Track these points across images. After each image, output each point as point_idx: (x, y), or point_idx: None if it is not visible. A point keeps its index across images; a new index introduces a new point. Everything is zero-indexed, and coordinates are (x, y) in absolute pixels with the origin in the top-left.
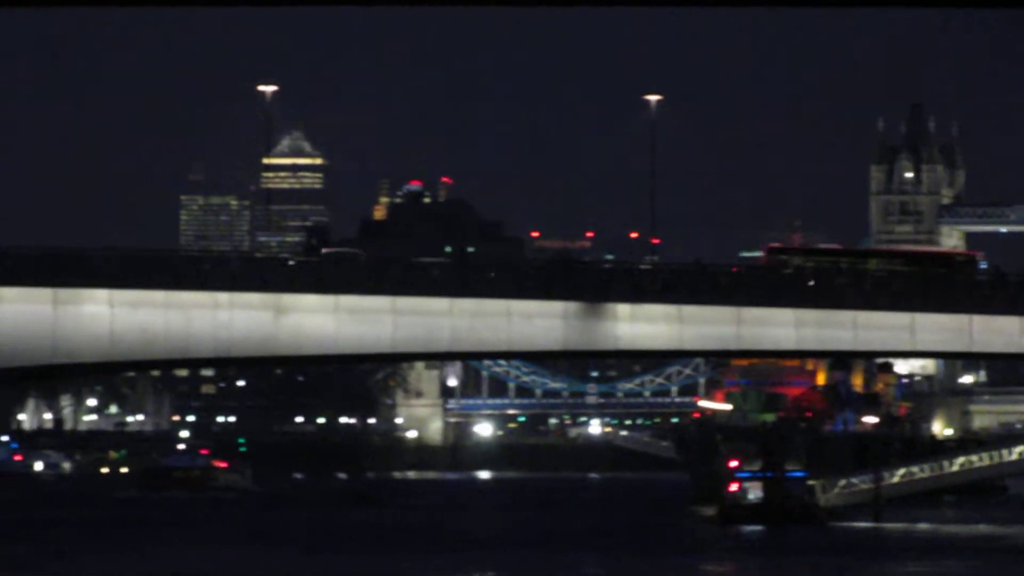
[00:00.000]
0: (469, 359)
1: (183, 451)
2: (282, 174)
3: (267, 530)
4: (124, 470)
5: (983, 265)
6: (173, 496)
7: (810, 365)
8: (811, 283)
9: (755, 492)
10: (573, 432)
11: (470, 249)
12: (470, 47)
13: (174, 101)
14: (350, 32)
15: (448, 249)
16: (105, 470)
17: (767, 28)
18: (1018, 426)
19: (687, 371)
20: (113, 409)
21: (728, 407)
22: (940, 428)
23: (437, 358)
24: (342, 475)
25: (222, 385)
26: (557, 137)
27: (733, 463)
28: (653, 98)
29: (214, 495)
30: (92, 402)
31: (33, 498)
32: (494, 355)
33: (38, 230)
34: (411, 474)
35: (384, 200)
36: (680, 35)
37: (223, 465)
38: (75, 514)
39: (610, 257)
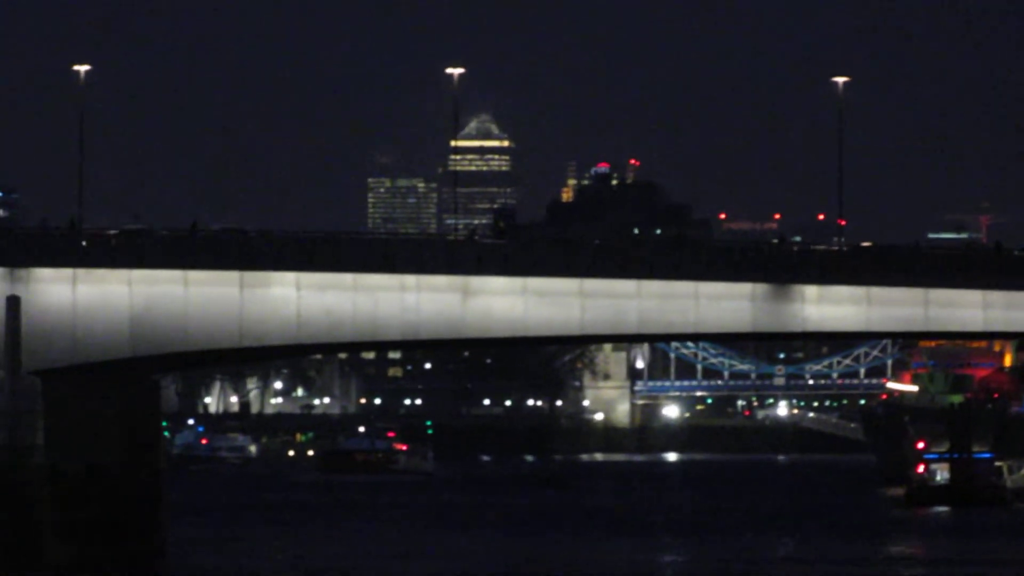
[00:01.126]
0: (657, 341)
1: (363, 434)
2: (469, 156)
3: (447, 512)
4: (310, 453)
5: None
6: (354, 479)
7: (997, 346)
8: (998, 264)
9: (942, 473)
10: (760, 414)
11: (657, 231)
12: (657, 29)
13: (362, 83)
14: (539, 15)
15: (636, 231)
16: (292, 453)
17: (958, 8)
18: None
19: (875, 353)
20: (300, 392)
21: (915, 388)
22: None
23: (625, 340)
24: (529, 457)
25: (409, 368)
26: (746, 119)
27: (920, 444)
28: (840, 80)
29: (395, 478)
30: (279, 385)
31: (217, 481)
32: (682, 337)
33: (225, 213)
34: (598, 456)
35: (572, 182)
36: (870, 16)
37: (404, 448)
38: (254, 497)
39: (797, 239)
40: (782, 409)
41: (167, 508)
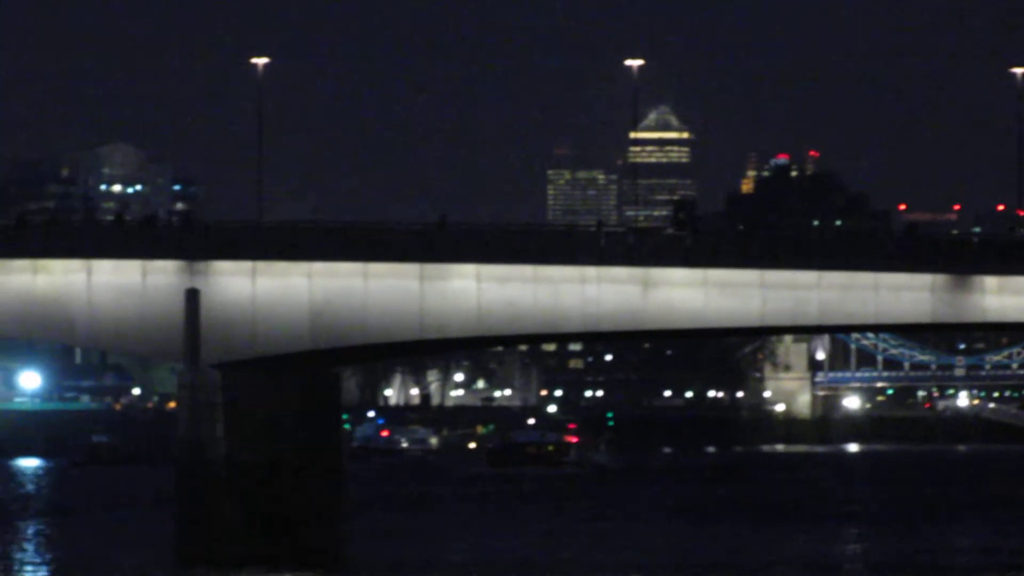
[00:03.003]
0: (837, 332)
1: (533, 427)
2: (649, 148)
3: (622, 504)
4: (473, 446)
5: None
6: (523, 472)
7: None
8: None
9: None
10: (941, 404)
11: (836, 222)
12: (836, 20)
13: (542, 76)
14: (718, 6)
15: (815, 222)
16: (472, 445)
17: None
18: None
19: None
20: (480, 384)
21: None
22: None
23: (805, 331)
24: (711, 449)
25: (590, 359)
26: (924, 109)
27: None
28: (1020, 71)
29: (565, 471)
30: (459, 377)
31: (396, 474)
32: (862, 328)
33: (405, 205)
34: (779, 447)
35: (751, 173)
36: None
37: (575, 440)
38: (430, 490)
39: (977, 230)
40: (962, 400)
41: (347, 501)
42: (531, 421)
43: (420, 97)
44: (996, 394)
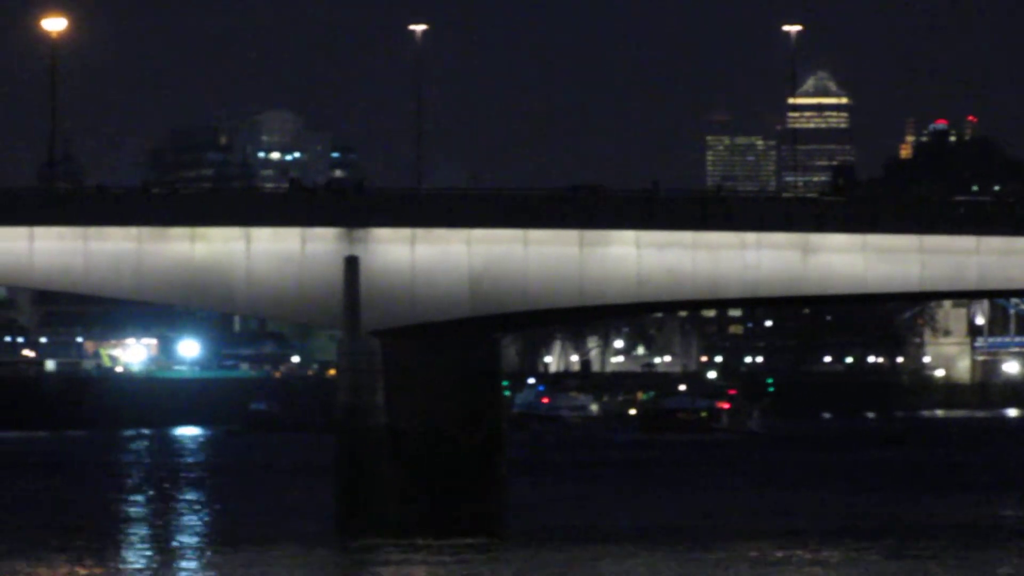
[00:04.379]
0: (996, 297)
1: (685, 393)
2: (807, 114)
3: (779, 471)
4: (642, 412)
5: None
6: (675, 438)
7: None
8: None
9: None
10: None
11: (995, 187)
12: None
13: (700, 41)
14: None
15: (975, 188)
16: (633, 412)
17: None
18: None
19: None
20: (640, 351)
21: None
22: None
23: (964, 296)
24: (871, 414)
25: (749, 325)
26: None
27: None
28: None
29: (716, 437)
30: (619, 344)
31: (550, 440)
32: (1021, 293)
33: (562, 170)
34: (939, 413)
35: (910, 139)
36: None
37: (727, 407)
38: (585, 456)
39: None
40: None
41: (507, 467)
42: (682, 387)
43: (577, 65)
44: None
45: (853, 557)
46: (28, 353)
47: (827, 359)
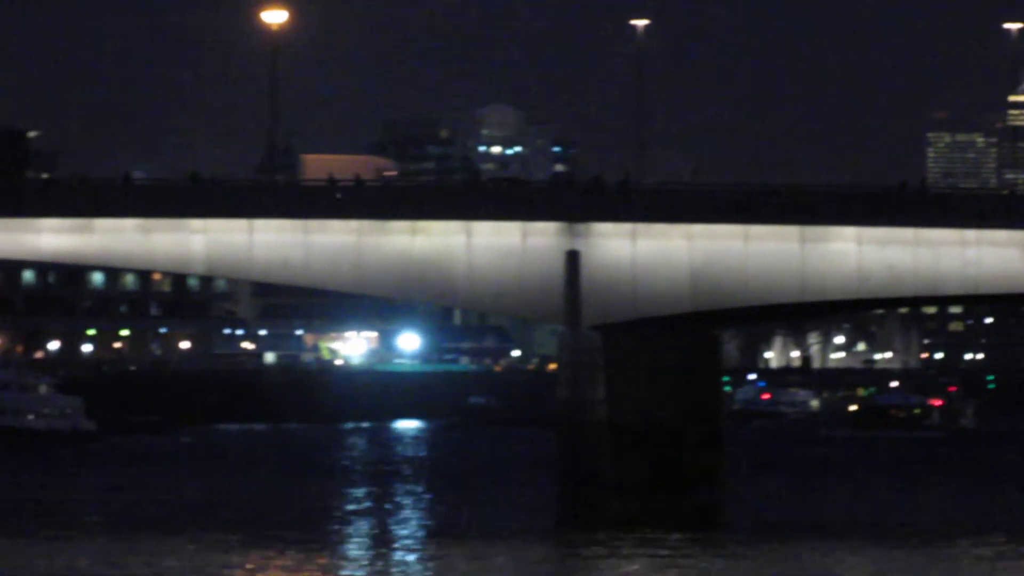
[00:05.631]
0: None
1: (898, 389)
2: None
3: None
4: (855, 408)
5: None
6: (885, 435)
7: None
8: None
9: None
10: None
11: None
12: None
13: (920, 39)
14: None
15: None
16: (854, 408)
17: None
18: None
19: None
20: (860, 346)
21: None
22: None
23: None
24: None
25: (970, 322)
26: None
27: None
28: None
29: (928, 435)
30: (839, 340)
31: (769, 436)
32: None
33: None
34: None
35: None
36: None
37: (939, 403)
38: (799, 452)
39: None
40: None
41: (728, 462)
42: (895, 384)
43: (795, 61)
44: None
45: None
46: (247, 346)
47: None
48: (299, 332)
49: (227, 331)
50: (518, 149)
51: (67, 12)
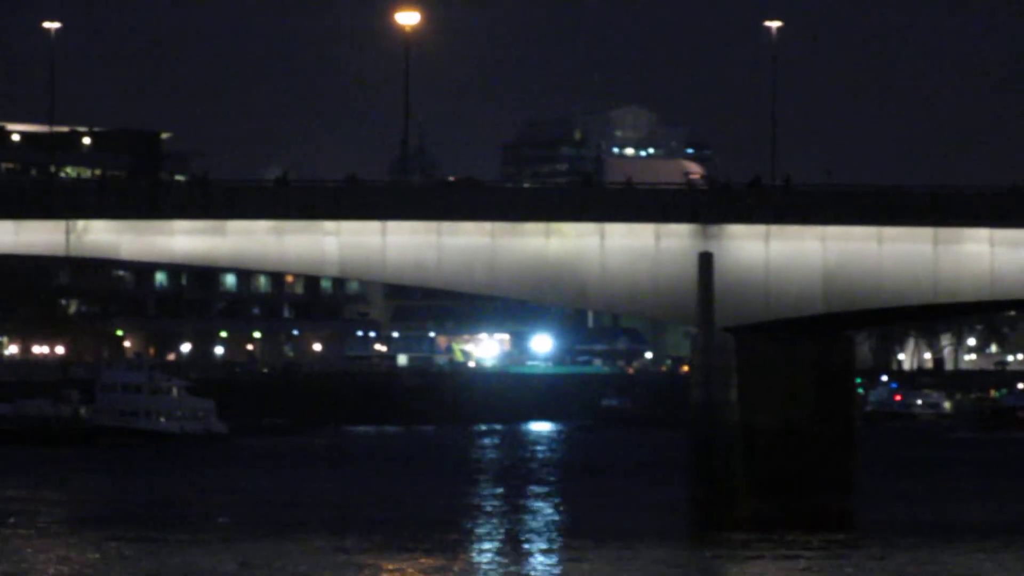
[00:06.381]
0: None
1: (1022, 391)
2: None
3: None
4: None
5: None
6: (1009, 436)
7: None
8: None
9: None
10: None
11: None
12: None
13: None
14: None
15: None
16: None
17: None
18: None
19: None
20: (993, 348)
21: None
22: None
23: None
24: None
25: None
26: None
27: None
28: None
29: None
30: (972, 341)
31: (902, 438)
32: None
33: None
34: None
35: None
36: None
37: None
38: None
39: None
40: None
41: (860, 464)
42: (1021, 385)
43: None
44: None
45: None
46: (380, 348)
47: None
48: (431, 334)
49: (359, 333)
50: (651, 151)
51: (192, 12)
